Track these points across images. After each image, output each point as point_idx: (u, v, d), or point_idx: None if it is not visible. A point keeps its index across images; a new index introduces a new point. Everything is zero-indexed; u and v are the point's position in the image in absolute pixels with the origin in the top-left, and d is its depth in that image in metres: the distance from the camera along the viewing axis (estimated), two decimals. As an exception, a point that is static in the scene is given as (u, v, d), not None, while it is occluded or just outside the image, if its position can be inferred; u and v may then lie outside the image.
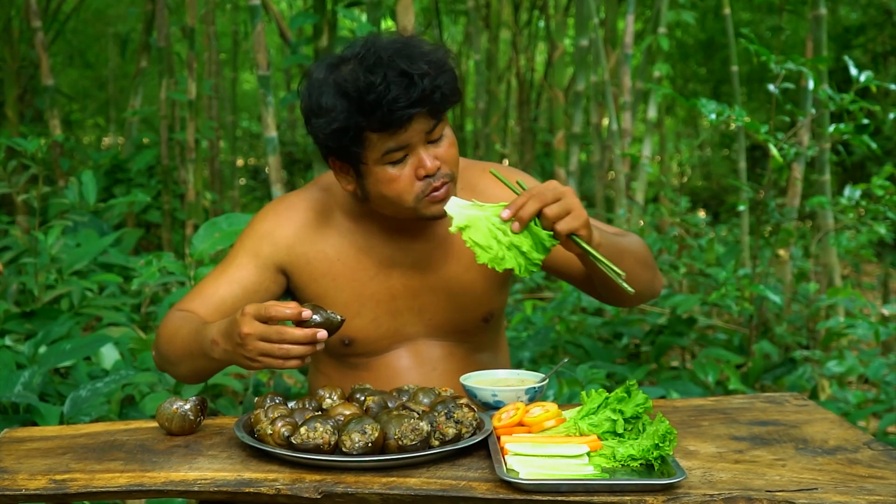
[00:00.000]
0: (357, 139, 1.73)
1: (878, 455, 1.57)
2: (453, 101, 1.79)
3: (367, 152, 1.75)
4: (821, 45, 4.58)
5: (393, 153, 1.75)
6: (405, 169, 1.76)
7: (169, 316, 1.88)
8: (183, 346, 1.79)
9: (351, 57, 1.75)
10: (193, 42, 5.44)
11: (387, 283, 1.93)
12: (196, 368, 1.82)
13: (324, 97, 1.74)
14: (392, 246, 1.93)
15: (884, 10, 8.57)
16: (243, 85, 12.33)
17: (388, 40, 1.76)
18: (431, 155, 1.77)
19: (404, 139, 1.74)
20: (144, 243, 6.92)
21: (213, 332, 1.68)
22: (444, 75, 1.75)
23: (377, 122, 1.70)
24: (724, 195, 11.26)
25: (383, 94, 1.68)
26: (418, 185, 1.77)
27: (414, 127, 1.73)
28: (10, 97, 7.06)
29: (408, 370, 1.97)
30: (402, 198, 1.78)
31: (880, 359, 3.78)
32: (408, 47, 1.74)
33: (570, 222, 1.63)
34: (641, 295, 1.93)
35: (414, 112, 1.70)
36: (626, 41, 5.45)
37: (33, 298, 3.66)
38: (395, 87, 1.68)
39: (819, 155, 4.60)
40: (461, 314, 1.97)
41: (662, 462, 1.49)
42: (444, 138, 1.80)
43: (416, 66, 1.70)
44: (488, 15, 7.90)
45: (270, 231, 1.93)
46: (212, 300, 1.88)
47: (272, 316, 1.56)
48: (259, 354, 1.58)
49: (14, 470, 1.53)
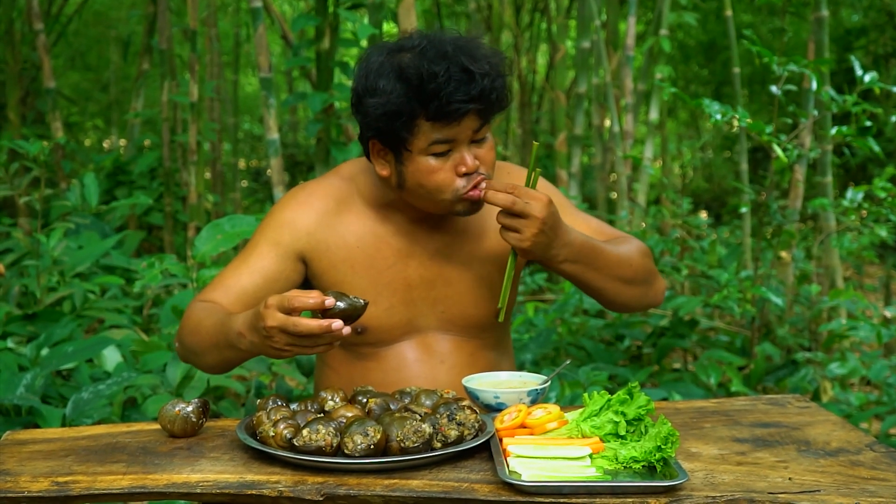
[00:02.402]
0: (408, 125, 1.77)
1: (881, 457, 1.57)
2: (503, 107, 1.83)
3: (415, 139, 1.78)
4: (822, 46, 4.58)
5: (439, 144, 1.78)
6: (447, 163, 1.80)
7: (191, 307, 1.88)
8: (208, 337, 1.80)
9: (411, 46, 1.79)
10: (195, 44, 5.44)
11: (404, 273, 1.95)
12: (222, 359, 1.82)
13: (382, 79, 1.77)
14: (410, 236, 1.95)
15: (885, 12, 8.57)
16: (245, 87, 12.35)
17: (451, 36, 1.80)
18: (473, 154, 1.81)
19: (453, 134, 1.78)
20: (146, 245, 6.92)
21: (238, 323, 1.68)
22: (500, 79, 1.79)
23: (433, 111, 1.74)
24: (726, 197, 11.27)
25: (443, 86, 1.72)
26: (459, 181, 1.81)
27: (464, 124, 1.77)
28: (12, 99, 7.07)
29: (416, 362, 1.98)
30: (440, 190, 1.81)
31: (882, 361, 3.78)
32: (471, 45, 1.78)
33: (510, 237, 1.76)
34: (628, 307, 2.00)
35: (470, 108, 1.75)
36: (628, 43, 5.45)
37: (35, 301, 3.66)
38: (455, 80, 1.72)
39: (821, 157, 4.60)
40: (475, 308, 1.98)
41: (665, 464, 1.48)
42: (487, 141, 1.84)
43: (477, 65, 1.75)
44: (490, 17, 7.90)
45: (291, 219, 1.95)
46: (233, 290, 1.89)
47: (295, 307, 1.56)
48: (286, 345, 1.59)
49: (16, 472, 1.53)
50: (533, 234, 1.74)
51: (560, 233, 1.78)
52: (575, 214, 2.02)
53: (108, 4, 9.83)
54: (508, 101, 1.85)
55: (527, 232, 1.73)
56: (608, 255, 1.88)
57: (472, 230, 1.98)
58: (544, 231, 1.74)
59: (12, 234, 4.30)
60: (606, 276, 1.89)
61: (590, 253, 1.85)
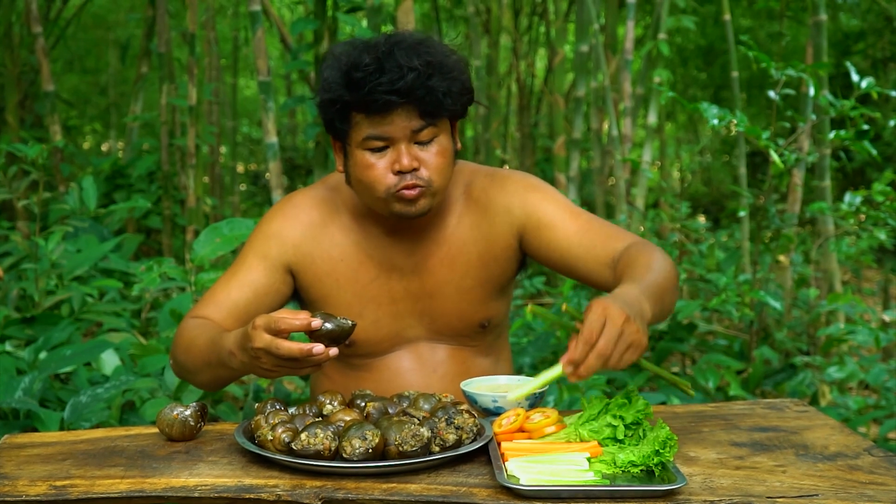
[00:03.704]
0: (343, 115, 1.78)
1: (879, 461, 1.57)
2: (451, 109, 1.79)
3: (352, 132, 1.79)
4: (821, 51, 4.59)
5: (373, 140, 1.78)
6: (383, 160, 1.79)
7: (184, 325, 1.88)
8: (201, 355, 1.79)
9: (366, 41, 1.79)
10: (194, 48, 5.44)
11: (387, 286, 1.94)
12: (215, 377, 1.82)
13: (327, 70, 1.79)
14: (393, 249, 1.94)
15: (884, 16, 8.58)
16: (244, 90, 12.35)
17: (406, 35, 1.79)
18: (412, 154, 1.79)
19: (387, 131, 1.77)
20: (145, 249, 6.91)
21: (229, 342, 1.68)
22: (441, 79, 1.75)
23: (359, 101, 1.74)
24: (725, 201, 11.27)
25: (370, 77, 1.72)
26: (391, 178, 1.79)
27: (398, 121, 1.76)
28: (10, 102, 7.06)
29: (409, 372, 1.97)
30: (374, 186, 1.81)
31: (881, 365, 3.78)
32: (418, 45, 1.77)
33: (630, 357, 1.52)
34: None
35: (392, 100, 1.72)
36: (627, 47, 5.45)
37: (34, 304, 3.66)
38: (380, 71, 1.72)
39: (819, 161, 4.61)
40: (459, 320, 1.97)
41: (663, 468, 1.48)
42: (435, 145, 1.80)
43: (411, 61, 1.73)
44: (488, 20, 7.90)
45: (278, 231, 1.94)
46: (224, 305, 1.89)
47: (282, 329, 1.55)
48: (273, 366, 1.59)
49: (14, 476, 1.53)
50: (636, 333, 1.52)
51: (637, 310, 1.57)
52: (577, 215, 1.95)
53: (106, 8, 9.83)
54: (459, 104, 1.80)
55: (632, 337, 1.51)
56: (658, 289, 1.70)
57: (452, 242, 1.95)
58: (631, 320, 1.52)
59: (10, 237, 4.30)
60: (663, 307, 1.73)
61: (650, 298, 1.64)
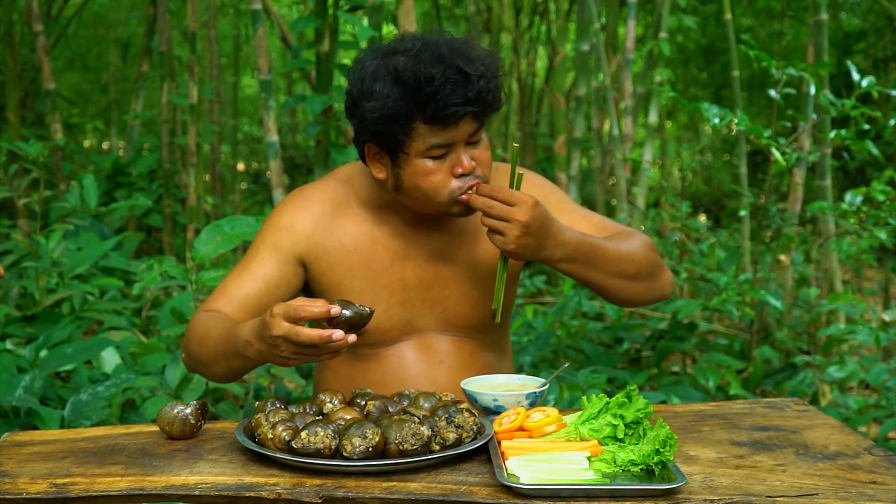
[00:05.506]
0: (406, 128, 1.77)
1: (879, 461, 1.57)
2: (498, 108, 1.84)
3: (413, 143, 1.79)
4: (822, 50, 4.58)
5: (437, 148, 1.79)
6: (443, 164, 1.81)
7: (196, 318, 1.88)
8: (216, 347, 1.80)
9: (405, 49, 1.79)
10: (194, 46, 5.44)
11: (401, 275, 1.96)
12: (231, 368, 1.82)
13: (378, 83, 1.77)
14: (407, 238, 1.96)
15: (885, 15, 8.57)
16: (244, 89, 12.35)
17: (446, 38, 1.80)
18: (469, 155, 1.82)
19: (451, 137, 1.78)
20: (145, 247, 6.92)
21: (245, 332, 1.68)
22: (495, 80, 1.80)
23: (430, 114, 1.74)
24: (725, 200, 11.27)
25: (440, 89, 1.72)
26: (454, 182, 1.81)
27: (462, 126, 1.78)
28: (11, 101, 7.07)
29: (415, 362, 1.98)
30: (437, 192, 1.82)
31: (881, 364, 3.78)
32: (466, 47, 1.78)
33: (495, 240, 1.77)
34: (633, 302, 2.00)
35: (467, 110, 1.75)
36: (628, 46, 5.46)
37: (34, 302, 3.66)
38: (451, 83, 1.73)
39: (820, 160, 4.60)
40: (471, 308, 1.99)
41: (663, 467, 1.48)
42: (482, 141, 1.85)
43: (473, 67, 1.75)
44: (489, 19, 7.90)
45: (289, 223, 1.95)
46: (236, 298, 1.89)
47: (301, 316, 1.56)
48: (292, 354, 1.59)
49: (15, 474, 1.53)
50: (516, 236, 1.74)
51: (552, 233, 1.78)
52: (575, 211, 2.02)
53: (107, 6, 9.83)
54: (502, 102, 1.85)
55: (510, 234, 1.74)
56: (608, 252, 1.88)
57: (469, 231, 1.99)
58: (529, 233, 1.74)
59: (11, 235, 4.30)
60: (607, 273, 1.89)
61: (587, 251, 1.85)
